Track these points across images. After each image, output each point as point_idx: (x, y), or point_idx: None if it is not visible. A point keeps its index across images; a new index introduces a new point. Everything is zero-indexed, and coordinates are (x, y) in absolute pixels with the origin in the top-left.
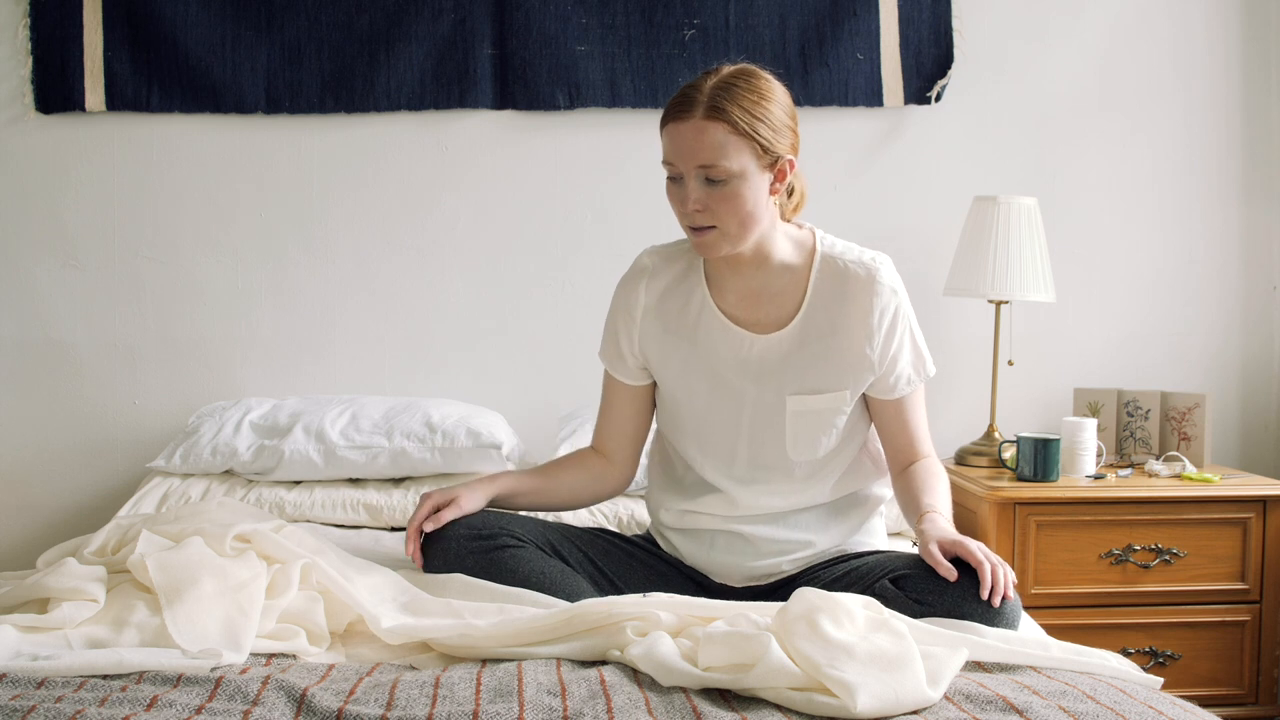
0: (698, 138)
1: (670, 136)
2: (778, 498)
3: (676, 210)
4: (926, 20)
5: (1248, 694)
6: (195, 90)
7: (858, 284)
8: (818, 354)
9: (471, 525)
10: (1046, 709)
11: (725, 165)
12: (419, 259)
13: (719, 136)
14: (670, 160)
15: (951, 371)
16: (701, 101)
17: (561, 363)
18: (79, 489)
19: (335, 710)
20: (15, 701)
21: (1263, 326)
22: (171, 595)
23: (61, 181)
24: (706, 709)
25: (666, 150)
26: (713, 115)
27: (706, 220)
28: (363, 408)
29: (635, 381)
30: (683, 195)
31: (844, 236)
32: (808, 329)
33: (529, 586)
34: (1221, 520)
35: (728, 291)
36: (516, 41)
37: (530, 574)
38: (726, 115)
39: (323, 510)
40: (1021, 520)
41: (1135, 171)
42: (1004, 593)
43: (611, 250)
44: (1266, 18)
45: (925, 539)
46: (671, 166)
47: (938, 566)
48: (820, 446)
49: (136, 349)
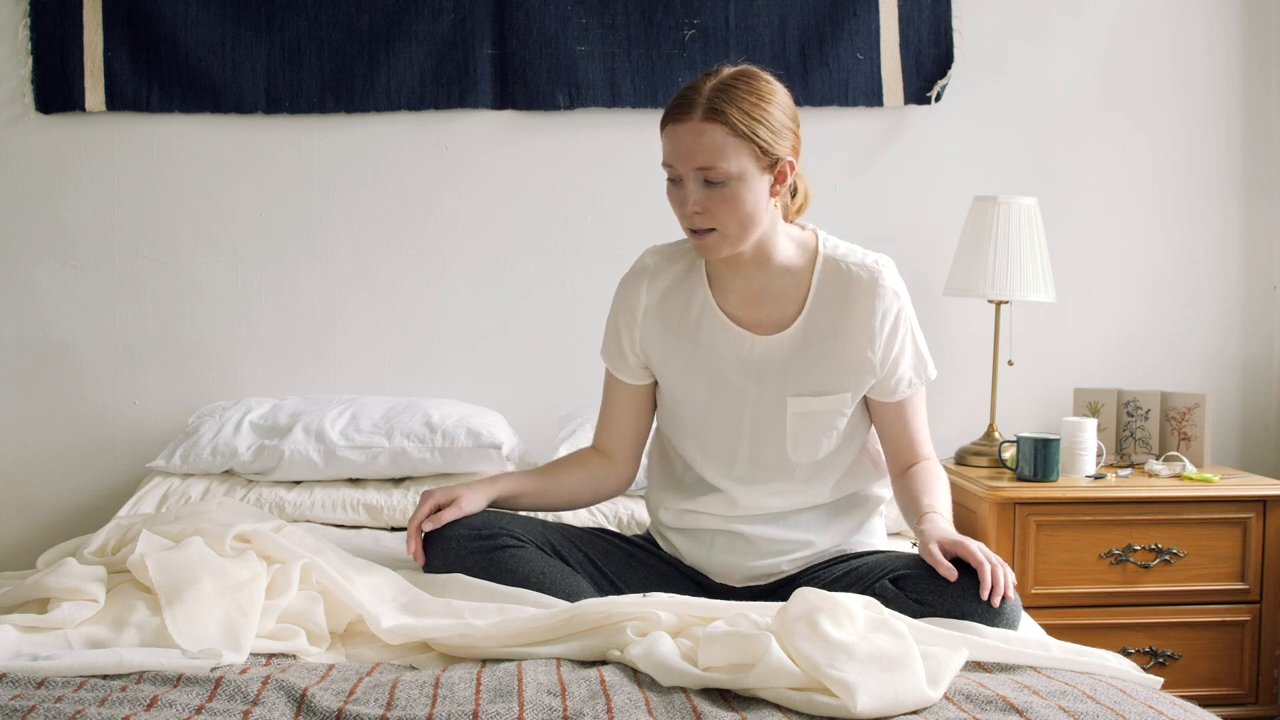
0: (696, 140)
1: (669, 138)
2: (778, 498)
3: (677, 212)
4: (926, 20)
5: (1248, 694)
6: (195, 90)
7: (860, 286)
8: (819, 356)
9: (472, 525)
10: (1046, 709)
11: (724, 167)
12: (419, 259)
13: (717, 138)
14: (669, 162)
15: (951, 371)
16: (700, 103)
17: (561, 363)
18: (79, 489)
19: (335, 710)
20: (15, 701)
21: (1263, 326)
22: (171, 595)
23: (61, 181)
24: (706, 709)
25: (666, 152)
26: (711, 117)
27: (706, 222)
28: (363, 408)
29: (637, 381)
30: (682, 197)
31: (844, 237)
32: (809, 331)
33: (529, 586)
34: (1221, 520)
35: (730, 292)
36: (516, 41)
37: (530, 574)
38: (725, 117)
39: (323, 510)
40: (1021, 520)
41: (1135, 171)
42: (1004, 593)
43: (611, 250)
44: (1266, 18)
45: (925, 539)
46: (671, 168)
47: (938, 566)
48: (821, 448)
49: (136, 349)
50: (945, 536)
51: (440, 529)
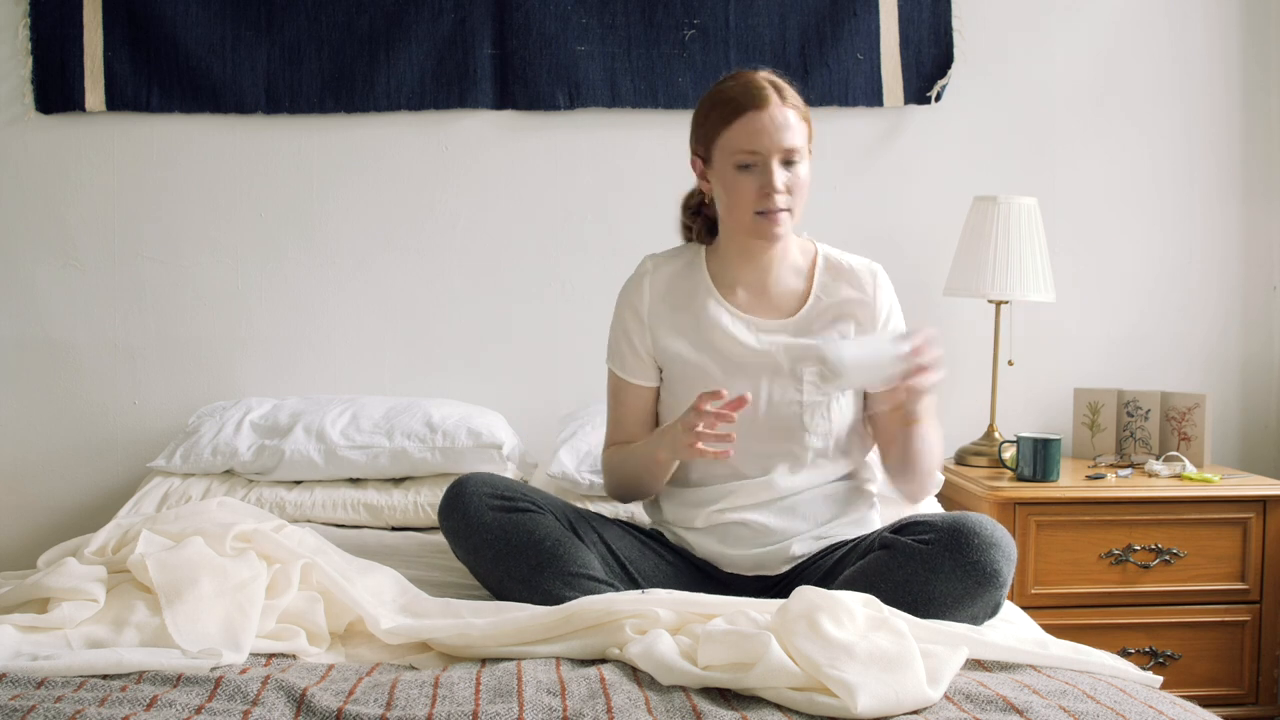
0: (785, 121)
1: (750, 124)
2: (785, 483)
3: (747, 201)
4: (926, 20)
5: (1248, 694)
6: (195, 90)
7: (862, 276)
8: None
9: (494, 486)
10: (1046, 708)
11: (802, 146)
12: (419, 259)
13: (794, 119)
14: (753, 149)
15: (951, 371)
16: (770, 90)
17: (561, 363)
18: (79, 489)
19: (335, 710)
20: (15, 701)
21: (1263, 326)
22: (171, 595)
23: (61, 181)
24: (706, 708)
25: (745, 141)
26: (786, 101)
27: (786, 203)
28: (363, 408)
29: (650, 383)
30: (761, 181)
31: (844, 236)
32: (814, 318)
33: (542, 550)
34: (1221, 520)
35: (735, 284)
36: (516, 41)
37: (545, 537)
38: (794, 101)
39: (323, 510)
40: (1021, 520)
41: (1135, 171)
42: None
43: (611, 250)
44: (1266, 18)
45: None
46: (753, 155)
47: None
48: (835, 429)
49: (136, 349)
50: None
51: (462, 487)
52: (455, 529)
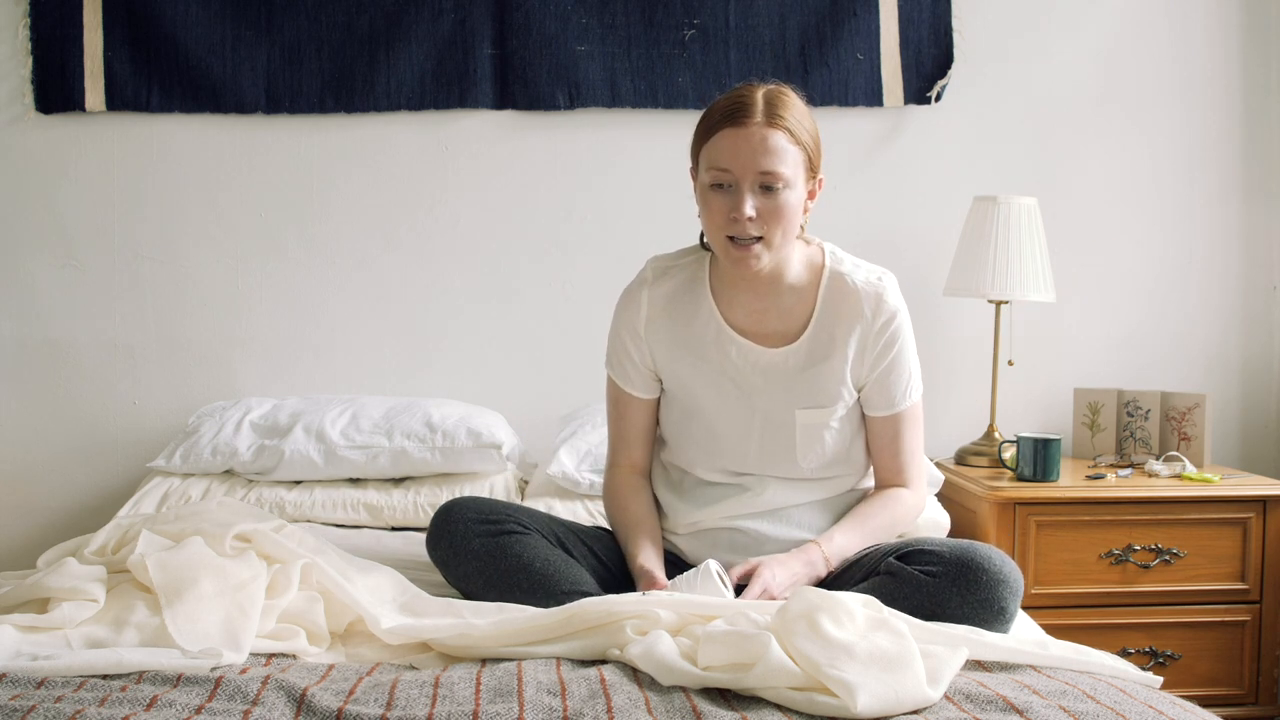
0: (761, 143)
1: (726, 142)
2: (782, 497)
3: (717, 222)
4: (926, 20)
5: (1248, 694)
6: (195, 90)
7: (865, 299)
8: (824, 369)
9: (480, 511)
10: (1046, 709)
11: (784, 173)
12: (419, 259)
13: (780, 143)
14: (725, 168)
15: (951, 371)
16: (759, 108)
17: (561, 363)
18: (79, 489)
19: (335, 710)
20: (15, 701)
21: (1263, 326)
22: (171, 595)
23: (61, 181)
24: (706, 708)
25: (718, 158)
26: (773, 122)
27: (757, 230)
28: (363, 408)
29: (649, 395)
30: (732, 204)
31: (844, 236)
32: (815, 345)
33: (531, 572)
34: (1221, 520)
35: (736, 306)
36: (516, 41)
37: (534, 559)
38: (786, 123)
39: (323, 510)
40: (1021, 520)
41: (1135, 171)
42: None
43: (611, 250)
44: (1266, 18)
45: (769, 562)
46: (724, 174)
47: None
48: (828, 452)
49: (136, 349)
50: (778, 579)
51: (448, 513)
52: (444, 559)
